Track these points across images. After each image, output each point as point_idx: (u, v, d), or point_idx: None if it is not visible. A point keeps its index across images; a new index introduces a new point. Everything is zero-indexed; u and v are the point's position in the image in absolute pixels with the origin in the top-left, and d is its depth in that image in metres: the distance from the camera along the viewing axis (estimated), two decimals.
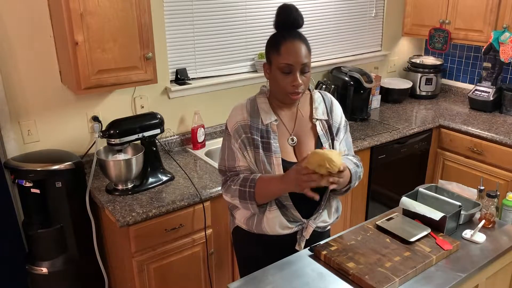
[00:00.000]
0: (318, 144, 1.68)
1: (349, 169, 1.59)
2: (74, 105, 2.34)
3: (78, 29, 1.93)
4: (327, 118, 1.71)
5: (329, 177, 1.45)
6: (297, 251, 1.70)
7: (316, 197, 1.48)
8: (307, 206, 1.67)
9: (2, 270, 2.20)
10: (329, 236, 1.85)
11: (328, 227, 1.82)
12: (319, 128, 1.69)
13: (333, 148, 1.70)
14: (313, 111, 1.70)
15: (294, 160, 1.65)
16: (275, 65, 1.56)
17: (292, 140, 1.67)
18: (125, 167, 2.09)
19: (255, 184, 1.57)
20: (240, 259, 1.89)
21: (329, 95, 1.78)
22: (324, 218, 1.72)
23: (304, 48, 1.55)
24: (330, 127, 1.71)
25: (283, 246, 1.71)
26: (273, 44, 1.57)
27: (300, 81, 1.54)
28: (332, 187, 1.49)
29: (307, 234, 1.68)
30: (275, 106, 1.67)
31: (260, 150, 1.61)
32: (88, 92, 2.07)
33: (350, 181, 1.63)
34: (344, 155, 1.76)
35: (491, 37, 3.02)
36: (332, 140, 1.71)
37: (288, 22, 1.57)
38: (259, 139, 1.61)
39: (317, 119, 1.69)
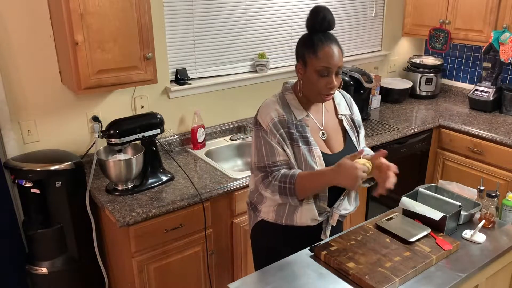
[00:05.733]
0: (347, 138, 1.76)
1: None
2: (74, 105, 2.34)
3: (78, 29, 1.93)
4: (349, 113, 1.80)
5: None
6: (321, 240, 1.75)
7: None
8: (330, 196, 1.73)
9: (2, 270, 2.20)
10: (342, 228, 1.91)
11: (344, 218, 1.87)
12: (345, 123, 1.78)
13: (359, 143, 1.80)
14: (337, 107, 1.78)
15: (329, 152, 1.71)
16: (311, 67, 1.60)
17: (323, 134, 1.73)
18: (125, 167, 2.09)
19: (295, 180, 1.60)
20: (261, 251, 1.89)
21: (345, 92, 1.86)
22: (345, 206, 1.77)
23: (339, 52, 1.61)
24: (354, 122, 1.80)
25: (308, 237, 1.76)
26: (310, 46, 1.60)
27: (336, 83, 1.61)
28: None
29: (333, 221, 1.73)
30: (303, 103, 1.72)
31: (300, 143, 1.65)
32: (88, 92, 2.07)
33: None
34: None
35: (491, 37, 3.02)
36: (358, 134, 1.79)
37: (323, 24, 1.61)
38: (296, 133, 1.65)
39: (342, 115, 1.78)
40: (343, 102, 1.81)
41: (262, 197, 1.75)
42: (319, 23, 1.60)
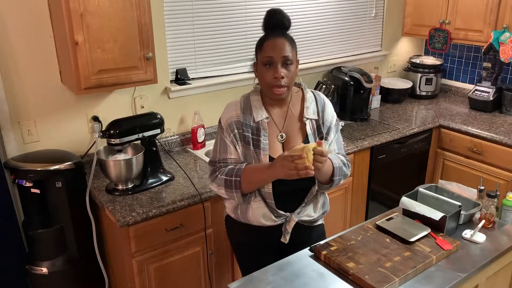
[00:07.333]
0: (306, 143, 1.72)
1: (332, 162, 1.66)
2: (74, 105, 2.34)
3: (78, 29, 1.93)
4: (317, 118, 1.75)
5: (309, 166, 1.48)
6: (283, 243, 1.76)
7: (311, 172, 1.47)
8: (292, 201, 1.74)
9: (2, 270, 2.20)
10: (322, 232, 1.90)
11: (319, 222, 1.86)
12: (308, 127, 1.73)
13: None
14: (304, 110, 1.75)
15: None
16: (259, 61, 1.65)
17: (282, 137, 1.72)
18: (125, 167, 2.09)
19: (241, 173, 1.64)
20: (232, 245, 1.98)
21: (322, 95, 1.82)
22: (309, 212, 1.77)
23: (286, 44, 1.61)
24: (319, 127, 1.75)
25: (269, 237, 1.77)
26: (258, 44, 1.67)
27: (281, 73, 1.60)
28: (314, 172, 1.48)
29: (289, 228, 1.74)
30: (267, 104, 1.73)
31: (251, 146, 1.67)
32: (88, 92, 2.07)
33: (333, 175, 1.68)
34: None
35: (491, 37, 3.02)
36: (321, 139, 1.74)
37: (272, 23, 1.65)
38: (250, 136, 1.68)
39: (307, 118, 1.74)
40: (312, 105, 1.75)
41: None
42: (268, 23, 1.65)
